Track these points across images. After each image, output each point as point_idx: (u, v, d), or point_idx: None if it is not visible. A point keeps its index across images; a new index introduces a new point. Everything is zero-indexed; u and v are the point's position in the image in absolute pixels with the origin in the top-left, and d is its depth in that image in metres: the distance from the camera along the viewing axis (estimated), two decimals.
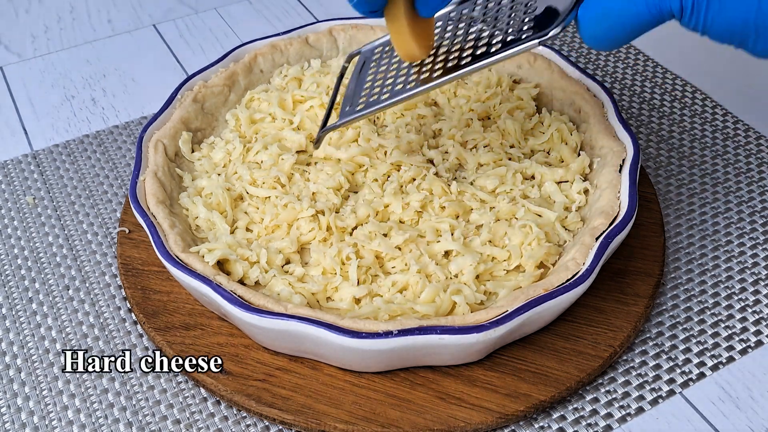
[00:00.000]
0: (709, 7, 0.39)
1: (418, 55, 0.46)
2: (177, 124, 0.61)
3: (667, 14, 0.40)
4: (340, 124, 0.50)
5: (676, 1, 0.39)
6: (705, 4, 0.39)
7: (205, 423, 0.49)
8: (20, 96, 0.77)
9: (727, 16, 0.39)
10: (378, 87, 0.49)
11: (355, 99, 0.51)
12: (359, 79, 0.52)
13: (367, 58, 0.55)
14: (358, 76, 0.53)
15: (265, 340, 0.50)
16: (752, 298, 0.55)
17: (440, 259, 0.53)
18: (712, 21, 0.39)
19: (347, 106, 0.51)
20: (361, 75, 0.52)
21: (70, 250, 0.61)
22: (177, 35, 0.86)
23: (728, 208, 0.62)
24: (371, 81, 0.51)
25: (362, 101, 0.50)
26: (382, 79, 0.50)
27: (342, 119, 0.50)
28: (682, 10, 0.40)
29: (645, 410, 0.49)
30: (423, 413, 0.47)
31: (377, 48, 0.55)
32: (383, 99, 0.48)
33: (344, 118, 0.50)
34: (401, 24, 0.44)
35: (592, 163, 0.59)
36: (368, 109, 0.49)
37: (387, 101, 0.48)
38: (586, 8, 0.43)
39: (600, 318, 0.52)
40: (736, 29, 0.39)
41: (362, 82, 0.51)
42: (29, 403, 0.51)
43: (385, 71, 0.51)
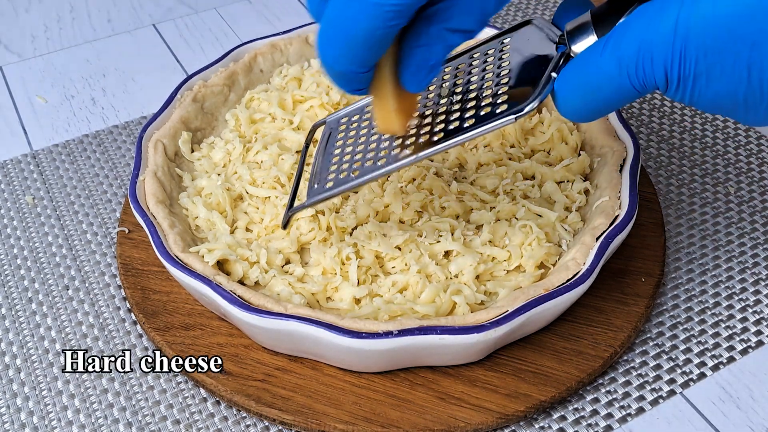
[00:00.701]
0: (696, 83, 0.36)
1: (398, 132, 0.44)
2: (177, 124, 0.61)
3: (651, 88, 0.37)
4: (309, 204, 0.48)
5: (661, 76, 0.36)
6: (691, 80, 0.36)
7: (205, 423, 0.49)
8: (20, 96, 0.77)
9: (715, 91, 0.36)
10: (347, 162, 0.47)
11: (322, 175, 0.49)
12: (326, 152, 0.50)
13: (333, 129, 0.52)
14: (324, 148, 0.50)
15: (265, 340, 0.50)
16: (753, 298, 0.55)
17: (440, 259, 0.53)
18: (699, 95, 0.36)
19: (315, 183, 0.49)
20: (328, 147, 0.50)
21: (69, 250, 0.61)
22: (177, 35, 0.86)
23: (729, 208, 0.62)
24: (339, 155, 0.49)
25: (331, 177, 0.48)
26: (350, 153, 0.48)
27: (310, 199, 0.48)
28: (667, 85, 0.36)
29: (645, 410, 0.49)
30: (423, 413, 0.47)
31: (343, 118, 0.53)
32: (353, 177, 0.46)
33: (312, 198, 0.48)
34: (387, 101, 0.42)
35: (593, 163, 0.59)
36: (338, 187, 0.46)
37: (357, 179, 0.45)
38: (563, 81, 0.39)
39: (600, 318, 0.52)
40: (725, 103, 0.36)
41: (329, 156, 0.49)
42: (29, 403, 0.51)
43: (353, 144, 0.49)
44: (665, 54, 0.35)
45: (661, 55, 0.35)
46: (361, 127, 0.51)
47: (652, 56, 0.35)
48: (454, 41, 0.39)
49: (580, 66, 0.38)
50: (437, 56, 0.40)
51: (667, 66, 0.35)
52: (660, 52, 0.35)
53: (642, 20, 0.36)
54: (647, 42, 0.35)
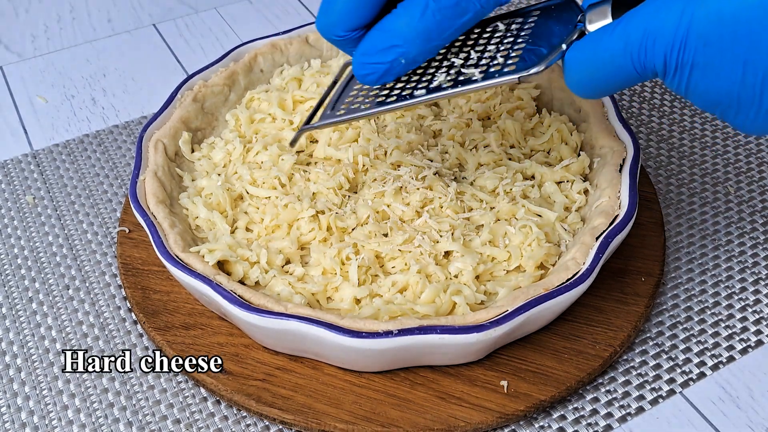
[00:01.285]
0: (693, 71, 0.37)
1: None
2: (177, 124, 0.61)
3: (650, 72, 0.39)
4: (318, 125, 0.51)
5: (660, 60, 0.38)
6: (689, 69, 0.37)
7: (205, 423, 0.49)
8: (20, 96, 0.77)
9: (710, 83, 0.37)
10: (362, 97, 0.50)
11: (337, 105, 0.52)
12: (347, 87, 0.53)
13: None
14: (347, 84, 0.54)
15: (265, 339, 0.50)
16: (752, 298, 0.55)
17: (440, 259, 0.53)
18: (695, 85, 0.38)
19: (329, 110, 0.52)
20: (350, 83, 0.53)
21: (70, 250, 0.61)
22: (177, 35, 0.86)
23: (728, 208, 0.62)
24: (357, 90, 0.52)
25: (344, 107, 0.51)
26: (367, 89, 0.51)
27: (320, 121, 0.51)
28: (665, 70, 0.38)
29: (645, 410, 0.49)
30: (423, 413, 0.47)
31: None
32: (363, 108, 0.49)
33: (323, 120, 0.51)
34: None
35: (592, 163, 0.59)
36: (347, 115, 0.49)
37: (365, 111, 0.48)
38: (573, 53, 0.42)
39: (600, 318, 0.52)
40: (719, 97, 0.38)
41: (349, 90, 0.52)
42: (29, 403, 0.51)
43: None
44: (667, 40, 0.37)
45: (663, 40, 0.37)
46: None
47: (654, 41, 0.37)
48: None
49: (590, 42, 0.41)
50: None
51: (667, 52, 0.37)
52: (663, 37, 0.37)
53: (651, 7, 0.38)
54: (652, 27, 0.37)
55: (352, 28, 0.45)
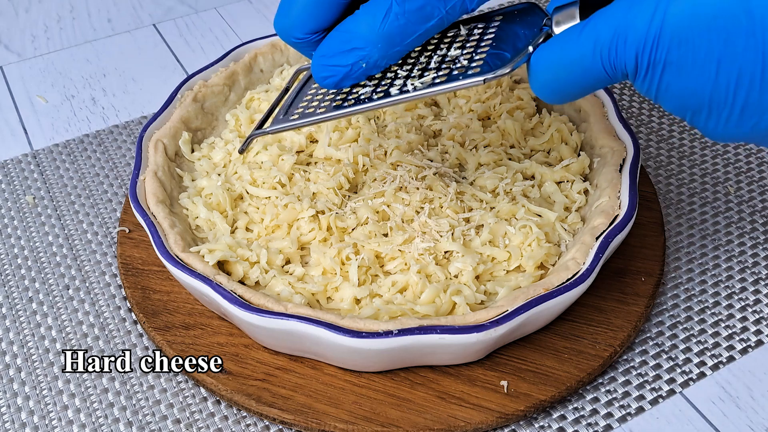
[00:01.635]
0: (665, 70, 0.36)
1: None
2: (177, 124, 0.61)
3: (620, 73, 0.38)
4: (270, 131, 0.50)
5: (632, 60, 0.36)
6: (660, 68, 0.36)
7: (205, 422, 0.49)
8: (20, 96, 0.77)
9: (683, 83, 0.36)
10: (317, 101, 0.49)
11: (291, 109, 0.50)
12: (301, 91, 0.52)
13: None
14: (301, 89, 0.52)
15: (265, 339, 0.50)
16: (752, 298, 0.55)
17: (440, 259, 0.53)
18: (667, 86, 0.36)
19: (281, 114, 0.51)
20: (304, 88, 0.52)
21: (70, 250, 0.61)
22: (177, 35, 0.86)
23: (728, 208, 0.62)
24: (312, 95, 0.50)
25: (298, 112, 0.49)
26: (323, 94, 0.49)
27: (273, 126, 0.50)
28: (636, 70, 0.37)
29: (645, 410, 0.49)
30: (423, 413, 0.47)
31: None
32: (318, 112, 0.47)
33: (275, 126, 0.49)
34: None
35: (592, 163, 0.59)
36: (301, 120, 0.48)
37: (321, 115, 0.47)
38: (539, 55, 0.40)
39: (600, 317, 0.52)
40: (690, 99, 0.36)
41: (303, 95, 0.51)
42: (29, 403, 0.51)
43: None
44: (639, 38, 0.36)
45: (635, 38, 0.36)
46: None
47: (626, 39, 0.36)
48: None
49: (557, 44, 0.39)
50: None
51: (639, 50, 0.36)
52: (634, 35, 0.36)
53: (623, 5, 0.37)
54: (624, 25, 0.36)
55: (311, 30, 0.44)
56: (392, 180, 0.57)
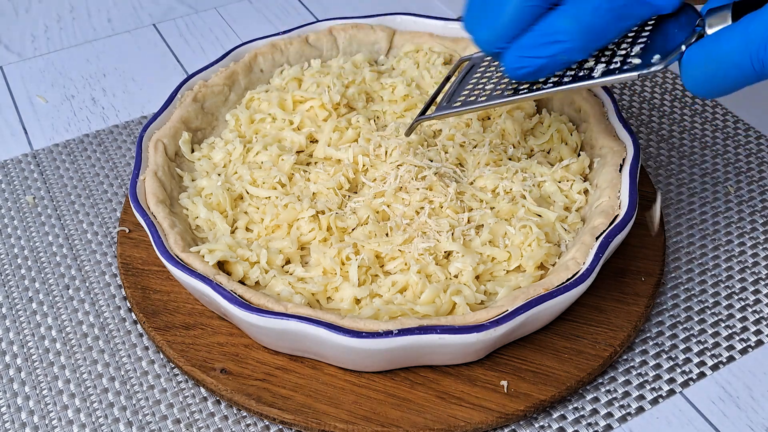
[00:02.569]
0: None
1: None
2: (177, 124, 0.61)
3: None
4: (435, 115, 0.53)
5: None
6: None
7: (205, 422, 0.49)
8: (20, 96, 0.77)
9: None
10: (478, 90, 0.52)
11: (454, 97, 0.54)
12: (463, 81, 0.55)
13: (476, 64, 0.57)
14: (463, 78, 0.56)
15: (266, 339, 0.50)
16: (752, 298, 0.55)
17: (440, 259, 0.53)
18: None
19: (445, 102, 0.54)
20: (466, 78, 0.55)
21: (70, 250, 0.61)
22: (177, 34, 0.86)
23: (728, 208, 0.62)
24: (473, 84, 0.53)
25: (460, 100, 0.52)
26: (484, 84, 0.52)
27: (437, 112, 0.53)
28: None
29: (645, 410, 0.49)
30: (423, 413, 0.47)
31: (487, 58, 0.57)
32: (480, 100, 0.50)
33: (439, 111, 0.53)
34: None
35: (592, 163, 0.59)
36: (464, 107, 0.51)
37: (483, 103, 0.50)
38: (692, 52, 0.42)
39: (600, 317, 0.52)
40: None
41: (465, 84, 0.54)
42: (29, 403, 0.51)
43: (489, 78, 0.54)
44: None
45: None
46: (499, 68, 0.54)
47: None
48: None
49: (709, 42, 0.42)
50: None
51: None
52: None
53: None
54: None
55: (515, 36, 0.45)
56: (392, 180, 0.57)
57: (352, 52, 0.70)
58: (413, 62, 0.68)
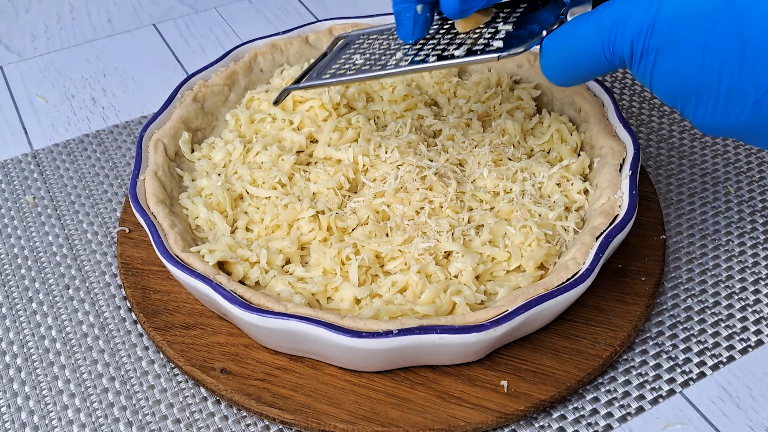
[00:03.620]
0: (658, 57, 0.40)
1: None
2: (177, 124, 0.61)
3: (618, 59, 0.41)
4: (302, 86, 0.55)
5: (628, 46, 0.40)
6: (654, 53, 0.40)
7: (205, 422, 0.49)
8: (20, 96, 0.77)
9: (672, 70, 0.39)
10: (348, 65, 0.54)
11: (324, 69, 0.55)
12: (336, 56, 0.57)
13: (351, 42, 0.59)
14: (337, 54, 0.57)
15: (266, 339, 0.50)
16: (752, 298, 0.55)
17: (440, 259, 0.53)
18: (659, 72, 0.40)
19: (315, 74, 0.56)
20: (340, 53, 0.57)
21: (70, 250, 0.61)
22: (177, 34, 0.86)
23: (728, 207, 0.62)
24: (345, 59, 0.55)
25: (330, 72, 0.54)
26: (355, 60, 0.54)
27: (305, 83, 0.55)
28: (632, 56, 0.41)
29: (645, 410, 0.49)
30: (423, 412, 0.47)
31: (363, 35, 0.59)
32: (348, 74, 0.52)
33: (308, 82, 0.55)
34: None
35: (592, 163, 0.59)
36: (332, 79, 0.53)
37: (351, 76, 0.52)
38: (549, 38, 0.45)
39: (600, 317, 0.52)
40: (680, 87, 0.40)
41: (337, 59, 0.56)
42: (29, 403, 0.51)
43: (362, 54, 0.55)
44: (635, 25, 0.40)
45: (631, 26, 0.40)
46: (373, 45, 0.56)
47: (624, 27, 0.40)
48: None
49: (566, 29, 0.44)
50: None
51: (634, 37, 0.40)
52: (631, 24, 0.40)
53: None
54: (624, 14, 0.40)
55: None
56: (392, 180, 0.57)
57: None
58: None
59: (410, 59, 0.50)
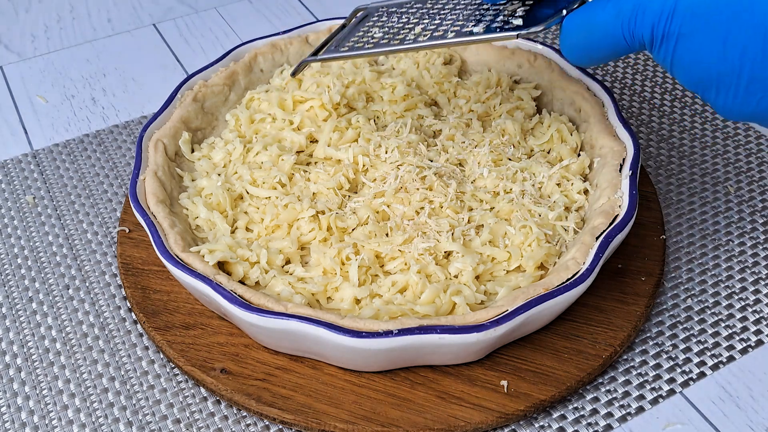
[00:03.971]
0: (679, 42, 0.39)
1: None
2: (177, 124, 0.61)
3: (638, 42, 0.41)
4: (321, 58, 0.54)
5: (648, 30, 0.40)
6: (675, 38, 0.39)
7: (205, 422, 0.49)
8: (20, 96, 0.77)
9: (694, 55, 0.39)
10: (367, 38, 0.53)
11: (343, 42, 0.55)
12: (355, 28, 0.56)
13: (370, 14, 0.58)
14: (355, 26, 0.57)
15: (266, 339, 0.50)
16: (752, 298, 0.55)
17: (440, 259, 0.53)
18: (680, 57, 0.40)
19: (333, 46, 0.55)
20: (358, 26, 0.57)
21: (70, 250, 0.61)
22: (177, 34, 0.86)
23: (728, 207, 0.62)
24: (364, 32, 0.55)
25: (349, 45, 0.54)
26: (374, 33, 0.54)
27: (324, 55, 0.54)
28: (652, 40, 0.40)
29: (645, 410, 0.49)
30: (423, 412, 0.47)
31: (382, 8, 0.59)
32: (366, 47, 0.52)
33: (326, 54, 0.54)
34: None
35: (592, 163, 0.59)
36: (351, 52, 0.53)
37: (369, 50, 0.52)
38: (570, 18, 0.45)
39: (600, 317, 0.52)
40: (701, 72, 0.40)
41: (356, 32, 0.56)
42: (29, 403, 0.51)
43: (381, 27, 0.55)
44: (656, 10, 0.40)
45: (652, 10, 0.40)
46: (392, 19, 0.56)
47: (645, 11, 0.40)
48: None
49: (587, 9, 0.44)
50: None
51: (655, 21, 0.40)
52: (652, 8, 0.40)
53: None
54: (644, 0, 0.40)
55: None
56: (392, 180, 0.57)
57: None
58: (413, 62, 0.68)
59: (429, 34, 0.49)
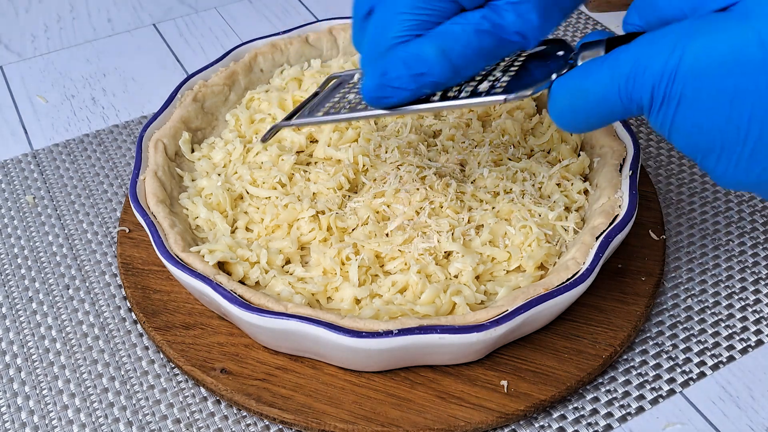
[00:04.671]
0: (680, 105, 0.36)
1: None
2: (177, 124, 0.61)
3: (635, 105, 0.38)
4: (293, 123, 0.52)
5: (648, 92, 0.37)
6: (677, 101, 0.36)
7: (205, 422, 0.49)
8: (20, 96, 0.77)
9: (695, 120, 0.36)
10: (342, 103, 0.51)
11: (317, 108, 0.53)
12: (330, 94, 0.54)
13: (344, 81, 0.56)
14: (330, 92, 0.55)
15: (266, 339, 0.50)
16: (752, 298, 0.55)
17: (440, 259, 0.53)
18: (681, 121, 0.37)
19: (307, 112, 0.53)
20: (333, 92, 0.54)
21: (70, 250, 0.61)
22: (177, 34, 0.86)
23: (728, 207, 0.62)
24: (339, 98, 0.52)
25: (323, 110, 0.51)
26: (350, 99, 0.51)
27: (296, 120, 0.52)
28: (651, 102, 0.37)
29: (645, 410, 0.49)
30: (423, 412, 0.47)
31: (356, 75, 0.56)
32: (342, 112, 0.49)
33: (299, 120, 0.52)
34: None
35: (592, 163, 0.59)
36: (326, 117, 0.50)
37: (344, 114, 0.49)
38: (560, 82, 0.41)
39: (600, 317, 0.52)
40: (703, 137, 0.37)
41: (331, 97, 0.53)
42: (29, 403, 0.51)
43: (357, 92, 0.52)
44: (656, 71, 0.36)
45: (652, 71, 0.36)
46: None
47: (644, 71, 0.37)
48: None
49: (578, 72, 0.40)
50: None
51: (655, 83, 0.36)
52: (652, 68, 0.36)
53: (643, 41, 0.37)
54: (643, 59, 0.37)
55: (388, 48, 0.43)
56: (392, 180, 0.57)
57: (352, 52, 0.70)
58: None
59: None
